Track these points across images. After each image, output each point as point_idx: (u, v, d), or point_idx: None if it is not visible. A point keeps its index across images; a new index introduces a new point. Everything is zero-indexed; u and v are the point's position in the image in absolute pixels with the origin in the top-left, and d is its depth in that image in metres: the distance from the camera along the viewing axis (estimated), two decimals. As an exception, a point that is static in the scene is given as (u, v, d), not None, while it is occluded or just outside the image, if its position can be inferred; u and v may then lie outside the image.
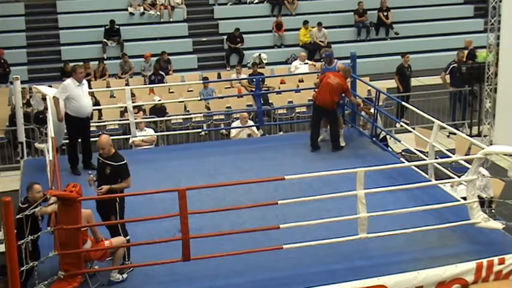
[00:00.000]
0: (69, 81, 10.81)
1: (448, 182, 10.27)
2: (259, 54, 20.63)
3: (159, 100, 15.80)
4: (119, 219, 8.20)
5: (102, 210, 8.29)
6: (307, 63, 19.52)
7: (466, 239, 8.78)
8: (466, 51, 17.98)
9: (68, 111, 10.73)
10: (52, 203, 7.79)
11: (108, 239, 8.11)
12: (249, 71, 19.00)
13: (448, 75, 16.95)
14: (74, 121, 10.78)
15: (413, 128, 12.40)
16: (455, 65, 16.84)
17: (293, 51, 21.91)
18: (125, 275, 8.07)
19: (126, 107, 13.17)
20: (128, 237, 8.29)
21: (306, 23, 21.97)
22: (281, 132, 15.96)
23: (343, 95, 12.01)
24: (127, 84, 18.39)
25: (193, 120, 16.55)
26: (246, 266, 8.20)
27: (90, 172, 8.56)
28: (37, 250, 7.96)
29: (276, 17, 22.59)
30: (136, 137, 13.39)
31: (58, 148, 11.04)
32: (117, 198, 8.20)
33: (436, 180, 10.19)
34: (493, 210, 10.95)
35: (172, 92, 18.00)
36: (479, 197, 9.17)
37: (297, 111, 16.86)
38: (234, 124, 14.32)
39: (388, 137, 13.01)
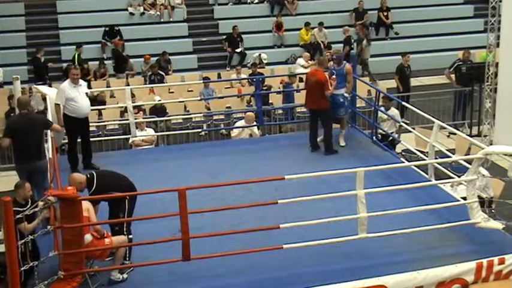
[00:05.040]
0: (65, 84, 10.86)
1: (448, 182, 10.27)
2: (259, 54, 20.66)
3: (159, 100, 15.81)
4: (126, 216, 8.23)
5: (112, 205, 8.33)
6: (309, 63, 19.63)
7: (466, 239, 8.78)
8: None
9: (66, 112, 10.75)
10: (36, 214, 7.82)
11: (109, 236, 8.12)
12: (249, 71, 19.02)
13: (453, 74, 16.93)
14: (72, 121, 10.79)
15: (414, 128, 12.40)
16: (461, 63, 16.84)
17: (293, 51, 21.94)
18: (125, 275, 8.07)
19: (126, 107, 13.18)
20: (130, 236, 8.30)
21: (307, 24, 21.96)
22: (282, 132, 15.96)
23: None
24: (127, 84, 18.40)
25: (193, 120, 16.57)
26: (246, 266, 8.19)
27: None
28: (36, 250, 7.97)
29: (276, 17, 22.60)
30: (136, 137, 13.39)
31: (58, 148, 11.04)
32: (127, 196, 8.24)
33: (436, 180, 10.20)
34: (493, 210, 10.96)
35: (173, 92, 18.00)
36: (479, 197, 9.17)
37: (297, 111, 16.85)
38: (237, 124, 14.24)
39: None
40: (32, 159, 9.54)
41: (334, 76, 11.87)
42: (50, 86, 15.46)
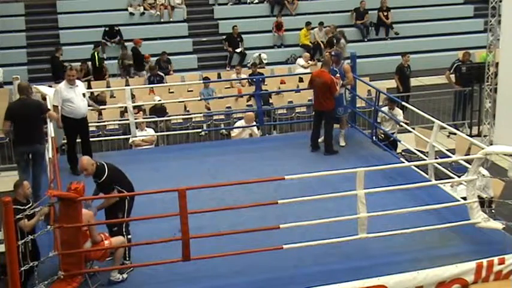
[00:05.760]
0: (61, 85, 10.89)
1: (448, 182, 10.27)
2: (259, 55, 20.66)
3: (159, 100, 15.81)
4: (125, 216, 8.23)
5: (109, 209, 8.30)
6: (309, 63, 19.63)
7: (466, 239, 8.78)
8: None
9: (63, 113, 10.77)
10: (35, 216, 7.84)
11: (108, 237, 8.11)
12: (249, 71, 19.02)
13: (452, 74, 16.93)
14: (70, 122, 10.81)
15: (413, 128, 12.40)
16: (460, 63, 16.84)
17: (293, 51, 21.94)
18: (125, 275, 8.07)
19: (126, 107, 13.18)
20: (129, 236, 8.29)
21: (308, 24, 21.97)
22: (275, 132, 15.95)
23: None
24: (127, 85, 18.40)
25: (193, 120, 16.57)
26: (246, 266, 8.19)
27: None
28: (36, 250, 7.98)
29: (276, 17, 22.60)
30: (136, 137, 13.39)
31: (58, 148, 11.05)
32: (127, 196, 8.24)
33: (436, 180, 10.19)
34: (493, 210, 10.96)
35: (172, 92, 18.00)
36: (479, 197, 9.17)
37: (296, 111, 16.87)
38: (237, 124, 14.24)
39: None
40: (30, 142, 10.03)
41: (338, 75, 11.89)
42: (50, 86, 15.45)
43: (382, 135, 12.91)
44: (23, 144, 10.09)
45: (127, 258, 8.21)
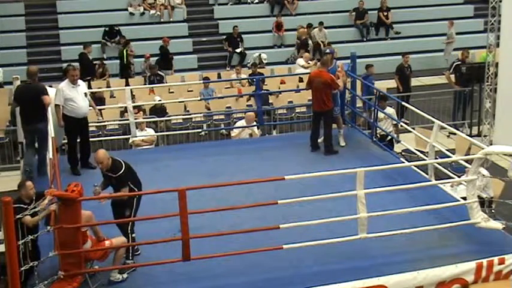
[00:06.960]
0: (63, 84, 10.90)
1: (448, 182, 10.27)
2: (259, 55, 20.66)
3: (159, 100, 15.81)
4: (133, 214, 8.22)
5: (118, 205, 8.29)
6: (309, 63, 19.64)
7: (466, 239, 8.78)
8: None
9: (64, 112, 10.78)
10: (38, 212, 7.82)
11: (109, 238, 8.11)
12: (248, 71, 19.02)
13: (452, 75, 16.94)
14: (71, 121, 10.82)
15: (413, 128, 12.40)
16: (460, 63, 16.85)
17: (293, 51, 21.92)
18: (125, 275, 8.07)
19: (126, 107, 13.18)
20: (133, 235, 8.28)
21: (310, 26, 21.95)
22: (275, 132, 15.95)
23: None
24: (127, 85, 18.39)
25: (193, 120, 16.57)
26: (246, 266, 8.20)
27: (95, 184, 8.38)
28: (37, 250, 7.98)
29: (276, 17, 22.61)
30: (136, 137, 13.39)
31: (58, 148, 11.06)
32: (136, 194, 8.23)
33: (436, 180, 10.19)
34: (493, 210, 10.96)
35: (172, 92, 18.00)
36: (479, 197, 9.17)
37: (296, 111, 16.87)
38: (238, 124, 14.22)
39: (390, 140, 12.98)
40: (32, 121, 10.69)
41: (339, 69, 11.89)
42: (51, 86, 15.45)
43: (379, 135, 12.90)
44: (26, 123, 10.82)
45: (130, 258, 8.21)
